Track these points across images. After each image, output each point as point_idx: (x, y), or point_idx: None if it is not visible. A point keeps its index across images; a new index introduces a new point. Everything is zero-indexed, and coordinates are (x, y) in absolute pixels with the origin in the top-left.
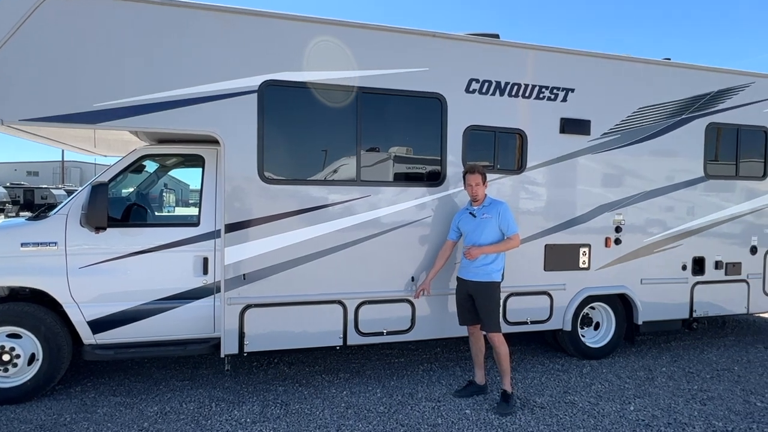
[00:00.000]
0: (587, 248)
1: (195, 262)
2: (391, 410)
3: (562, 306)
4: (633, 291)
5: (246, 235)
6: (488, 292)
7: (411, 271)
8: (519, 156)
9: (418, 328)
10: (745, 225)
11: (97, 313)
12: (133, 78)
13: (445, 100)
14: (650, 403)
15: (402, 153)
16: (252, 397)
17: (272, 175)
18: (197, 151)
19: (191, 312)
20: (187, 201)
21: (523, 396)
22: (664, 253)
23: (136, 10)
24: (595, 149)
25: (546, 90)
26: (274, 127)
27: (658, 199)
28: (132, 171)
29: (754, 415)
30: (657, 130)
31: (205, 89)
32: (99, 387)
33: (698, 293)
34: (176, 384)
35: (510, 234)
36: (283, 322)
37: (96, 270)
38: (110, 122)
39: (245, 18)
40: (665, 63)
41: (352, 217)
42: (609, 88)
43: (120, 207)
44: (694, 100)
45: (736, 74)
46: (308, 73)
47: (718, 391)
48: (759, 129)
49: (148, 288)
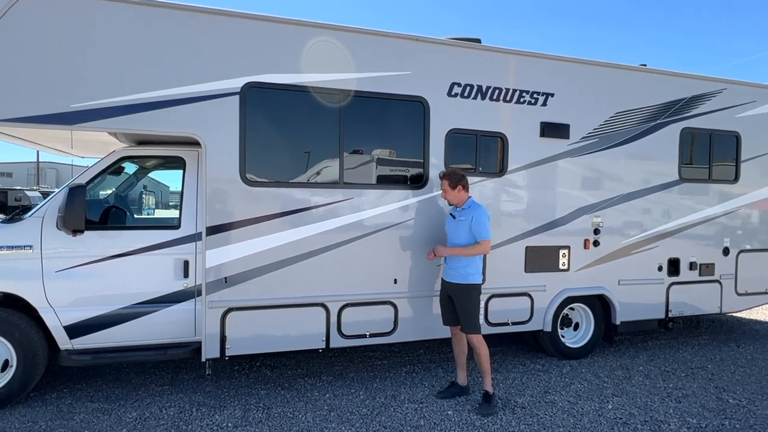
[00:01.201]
0: (567, 250)
1: (175, 265)
2: (373, 412)
3: (542, 307)
4: (611, 292)
5: (228, 238)
6: (466, 294)
7: (394, 273)
8: (500, 159)
9: (400, 330)
10: (718, 227)
11: (74, 318)
12: (112, 79)
13: (427, 104)
14: (628, 401)
15: (385, 155)
16: (233, 401)
17: (254, 177)
18: (178, 153)
19: (171, 316)
20: (168, 203)
21: (505, 396)
22: (640, 254)
23: (115, 9)
24: (574, 153)
25: (526, 94)
26: (256, 129)
27: (634, 202)
28: (111, 173)
29: (726, 412)
30: (634, 134)
31: (186, 90)
32: (76, 393)
33: (673, 294)
34: (156, 389)
35: (479, 239)
36: (265, 326)
37: (73, 274)
38: (88, 123)
39: (227, 19)
40: (641, 69)
41: (335, 220)
42: (587, 93)
43: (98, 209)
44: (669, 106)
45: (709, 81)
46: (291, 76)
47: (692, 388)
48: (731, 134)
49: (127, 292)
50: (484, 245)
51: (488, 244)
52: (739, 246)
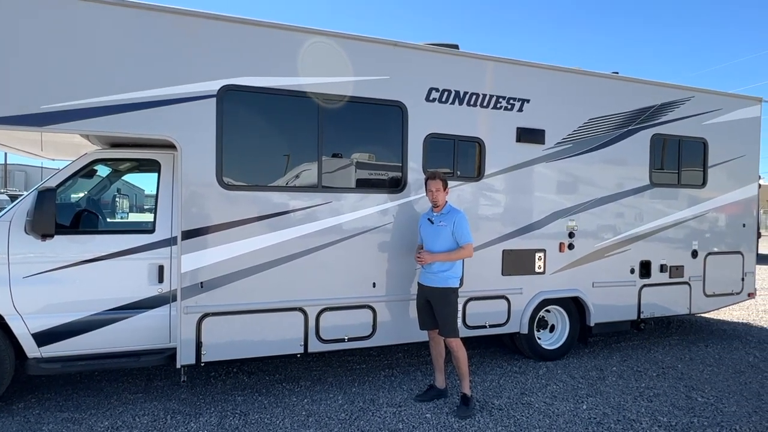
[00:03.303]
0: (543, 253)
1: (150, 270)
2: (352, 417)
3: (519, 309)
4: (585, 294)
5: (204, 242)
6: (445, 298)
7: (373, 276)
8: (478, 164)
9: (379, 334)
10: (687, 230)
11: (42, 325)
12: (84, 79)
13: (406, 108)
14: (602, 401)
15: (364, 159)
16: (209, 408)
17: (231, 180)
18: (153, 156)
19: (145, 322)
20: (142, 206)
21: (482, 398)
22: (613, 257)
23: (87, 9)
24: (549, 158)
25: (503, 100)
26: (233, 132)
27: (608, 206)
28: (83, 176)
29: (695, 410)
30: (607, 140)
31: (161, 93)
32: (44, 403)
33: (645, 295)
34: (129, 397)
35: (462, 243)
36: (242, 331)
37: (42, 279)
38: (59, 125)
39: (204, 21)
40: (613, 77)
41: (314, 224)
42: (562, 99)
43: (69, 213)
44: (640, 112)
45: (677, 89)
46: (269, 79)
47: (663, 388)
48: (699, 140)
49: (100, 297)
50: (468, 249)
51: (472, 247)
52: (707, 249)
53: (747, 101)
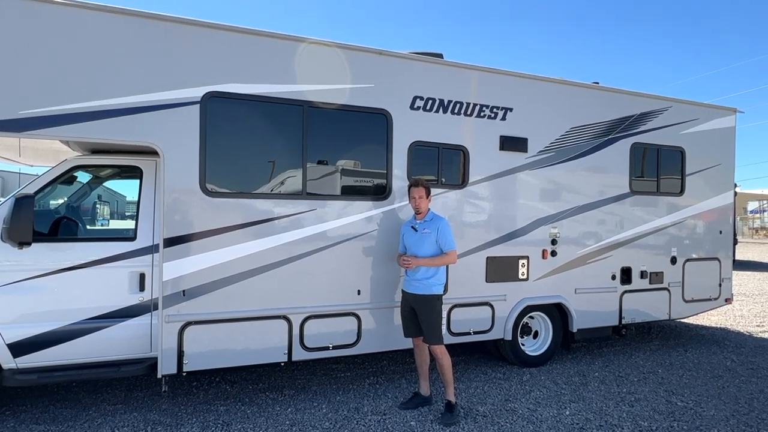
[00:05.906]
0: (526, 260)
1: (131, 279)
2: (336, 426)
3: (503, 316)
4: (568, 300)
5: (186, 250)
6: (429, 305)
7: (357, 284)
8: (462, 171)
9: (364, 342)
10: (666, 237)
11: (18, 335)
12: (65, 85)
13: (390, 116)
14: (584, 407)
15: (349, 167)
16: (191, 419)
17: (215, 187)
18: (135, 163)
19: (126, 331)
20: (124, 213)
21: (467, 405)
22: (595, 263)
23: (68, 14)
24: (532, 166)
25: (487, 108)
26: (217, 139)
27: (589, 213)
28: (62, 182)
29: (675, 414)
30: (588, 148)
31: (143, 99)
32: (19, 415)
33: (626, 301)
34: (108, 408)
35: (447, 250)
36: (225, 340)
37: (19, 288)
38: (38, 131)
39: (188, 28)
40: (594, 86)
41: (298, 231)
42: (544, 108)
43: (48, 220)
44: (620, 122)
45: (656, 99)
46: (253, 86)
47: (644, 392)
48: (677, 149)
49: (79, 306)
50: (452, 255)
51: (456, 253)
52: (686, 255)
53: (723, 111)
